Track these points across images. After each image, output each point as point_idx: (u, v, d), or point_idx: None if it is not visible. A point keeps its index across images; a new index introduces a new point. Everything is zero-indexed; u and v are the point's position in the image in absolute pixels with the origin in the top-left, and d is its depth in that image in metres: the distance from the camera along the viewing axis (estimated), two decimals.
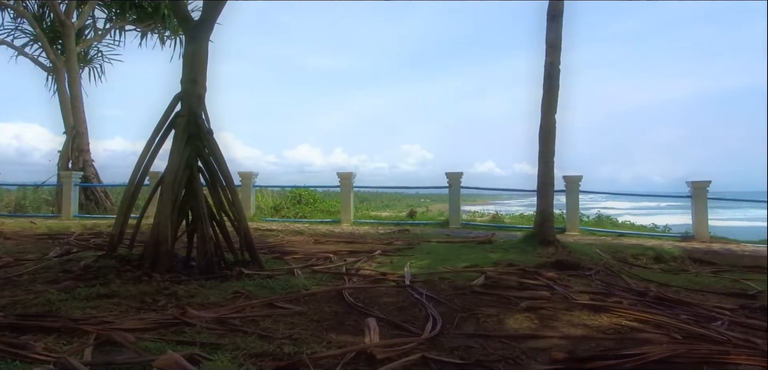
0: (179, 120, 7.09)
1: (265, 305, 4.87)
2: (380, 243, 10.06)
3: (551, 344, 3.88)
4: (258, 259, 6.89)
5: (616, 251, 9.89)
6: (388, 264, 7.60)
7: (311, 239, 10.64)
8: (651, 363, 3.32)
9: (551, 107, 9.87)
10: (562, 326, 4.40)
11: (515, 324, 4.41)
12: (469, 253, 8.75)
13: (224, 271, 6.37)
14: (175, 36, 19.51)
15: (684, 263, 9.64)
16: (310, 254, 8.26)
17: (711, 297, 6.40)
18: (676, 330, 4.23)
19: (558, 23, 9.96)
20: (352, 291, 5.52)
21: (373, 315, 4.55)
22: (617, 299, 5.40)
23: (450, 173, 14.56)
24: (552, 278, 6.25)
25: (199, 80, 7.30)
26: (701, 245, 11.44)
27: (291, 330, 4.07)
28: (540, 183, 9.89)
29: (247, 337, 3.82)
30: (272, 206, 17.22)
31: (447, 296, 5.38)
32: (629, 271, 8.31)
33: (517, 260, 7.69)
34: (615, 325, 4.43)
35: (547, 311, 4.78)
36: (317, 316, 4.58)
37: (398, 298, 5.35)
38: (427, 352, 3.54)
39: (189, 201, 6.94)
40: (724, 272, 8.84)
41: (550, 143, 9.84)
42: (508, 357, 3.54)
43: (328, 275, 6.63)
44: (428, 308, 4.81)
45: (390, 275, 6.63)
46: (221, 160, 7.13)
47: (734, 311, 5.44)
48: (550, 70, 9.92)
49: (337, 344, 3.77)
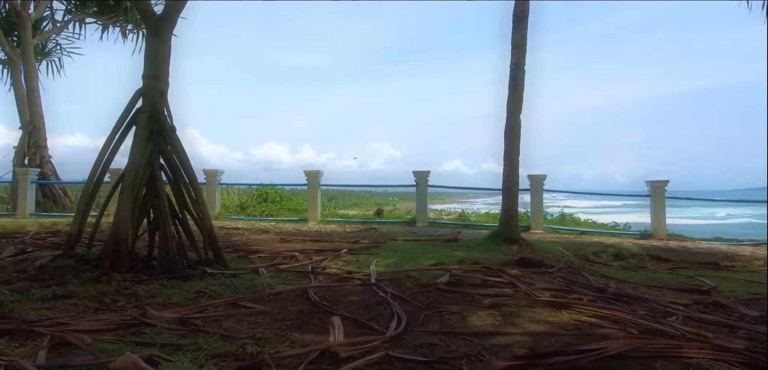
0: (141, 116, 6.94)
1: (228, 305, 4.80)
2: (347, 242, 10.05)
3: (513, 340, 3.94)
4: (222, 258, 6.80)
5: (578, 249, 10.11)
6: (355, 263, 7.59)
7: (277, 238, 10.54)
8: (608, 358, 3.41)
9: (516, 107, 10.02)
10: (525, 322, 4.47)
11: (479, 321, 4.47)
12: (435, 251, 8.82)
13: (187, 270, 6.25)
14: (138, 30, 19.04)
15: (642, 260, 9.93)
16: (276, 253, 8.19)
17: (667, 293, 6.61)
18: (633, 325, 4.35)
19: (523, 25, 10.12)
20: (318, 290, 5.49)
21: (338, 314, 4.54)
22: (578, 296, 5.53)
23: (417, 172, 14.63)
24: (515, 275, 6.35)
25: (162, 75, 7.15)
26: (659, 243, 11.80)
27: (254, 330, 4.03)
28: (505, 182, 10.04)
29: (209, 337, 3.76)
30: (238, 204, 17.01)
31: (412, 294, 5.41)
32: (590, 268, 8.51)
33: (482, 258, 7.79)
34: (575, 321, 4.53)
35: (510, 308, 4.86)
36: (281, 315, 4.55)
37: (364, 296, 5.36)
38: (391, 350, 3.55)
39: (150, 199, 6.79)
40: (680, 269, 9.13)
41: (515, 143, 9.99)
42: (471, 354, 3.58)
43: (294, 274, 6.58)
44: (393, 306, 4.83)
45: (356, 273, 6.63)
46: (184, 157, 7.00)
47: (688, 307, 5.64)
48: (515, 71, 10.07)
49: (300, 343, 3.75)
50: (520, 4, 10.11)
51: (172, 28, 7.46)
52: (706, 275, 8.18)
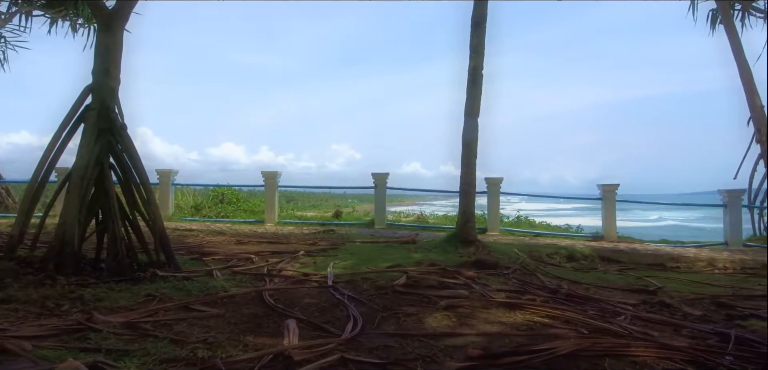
0: (90, 113, 6.70)
1: (179, 308, 4.68)
2: (304, 243, 9.96)
3: (468, 341, 3.98)
4: (174, 260, 6.62)
5: (532, 251, 10.32)
6: (312, 265, 7.53)
7: (233, 240, 10.36)
8: (559, 358, 3.48)
9: (474, 110, 10.15)
10: (479, 323, 4.52)
11: (434, 323, 4.49)
12: (392, 253, 8.84)
13: (137, 273, 6.06)
14: (89, 24, 18.33)
15: (594, 262, 10.22)
16: (231, 255, 8.04)
17: (616, 293, 6.82)
18: (584, 325, 4.46)
19: (481, 29, 10.26)
20: (273, 292, 5.42)
21: (293, 317, 4.49)
22: (531, 297, 5.63)
23: (376, 174, 14.63)
24: (471, 277, 6.42)
25: (113, 72, 6.92)
26: (609, 245, 12.16)
27: (206, 334, 3.94)
28: (462, 184, 10.15)
29: (159, 342, 3.65)
30: (193, 206, 16.60)
31: (369, 296, 5.40)
32: (544, 269, 8.71)
33: (438, 260, 7.85)
34: (528, 321, 4.61)
35: (465, 310, 4.90)
36: (235, 318, 4.46)
37: (320, 299, 5.31)
38: (346, 352, 3.53)
39: (99, 199, 6.56)
40: (629, 270, 9.45)
41: (472, 146, 10.11)
42: (426, 355, 3.60)
43: (249, 277, 6.48)
44: (350, 308, 4.81)
45: (313, 275, 6.58)
46: (135, 157, 6.79)
47: (636, 307, 5.83)
48: (473, 75, 10.20)
49: (254, 346, 3.69)
50: (479, 9, 10.25)
51: (124, 24, 7.24)
52: (653, 276, 8.49)
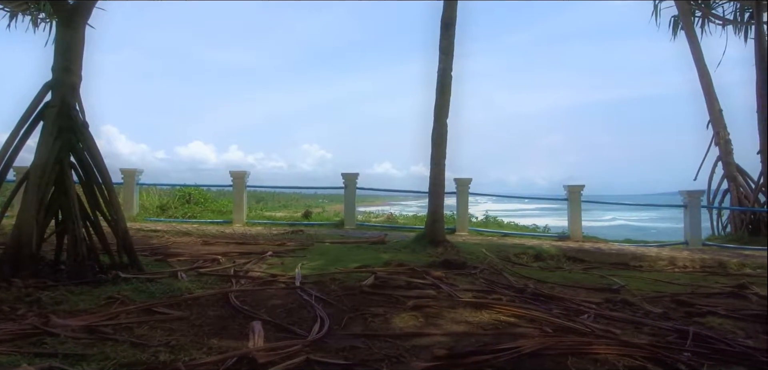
0: (50, 110, 6.49)
1: (142, 311, 4.57)
2: (273, 244, 9.86)
3: (434, 341, 3.99)
4: (137, 261, 6.47)
5: (500, 250, 10.44)
6: (280, 266, 7.46)
7: (200, 241, 10.19)
8: (524, 356, 3.52)
9: (443, 111, 10.22)
10: (446, 323, 4.55)
11: (401, 323, 4.50)
12: (361, 253, 8.82)
13: (98, 275, 5.90)
14: (51, 19, 17.80)
15: (560, 261, 10.39)
16: (197, 256, 7.90)
17: (581, 292, 6.94)
18: (548, 324, 4.53)
19: (451, 31, 10.34)
20: (239, 294, 5.34)
21: (259, 318, 4.44)
22: (498, 296, 5.69)
23: (346, 174, 14.59)
24: (439, 277, 6.45)
25: (74, 68, 6.72)
26: (575, 244, 12.39)
27: (169, 337, 3.86)
28: (431, 185, 10.21)
29: (119, 345, 3.56)
30: (158, 206, 16.26)
31: (337, 297, 5.37)
32: (511, 269, 8.81)
33: (407, 260, 7.86)
34: (494, 321, 4.65)
35: (432, 310, 4.92)
36: (199, 321, 4.38)
37: (287, 300, 5.26)
38: (312, 354, 3.50)
39: (59, 199, 6.36)
40: (593, 269, 9.64)
41: (441, 147, 10.18)
42: (392, 356, 3.60)
43: (215, 278, 6.38)
44: (317, 309, 4.78)
45: (280, 276, 6.52)
46: (97, 156, 6.61)
47: (599, 305, 5.95)
48: (442, 76, 10.27)
49: (218, 349, 3.63)
50: (448, 10, 10.33)
51: (86, 19, 7.03)
52: (616, 275, 8.67)
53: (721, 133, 17.07)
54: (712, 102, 17.24)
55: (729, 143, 17.01)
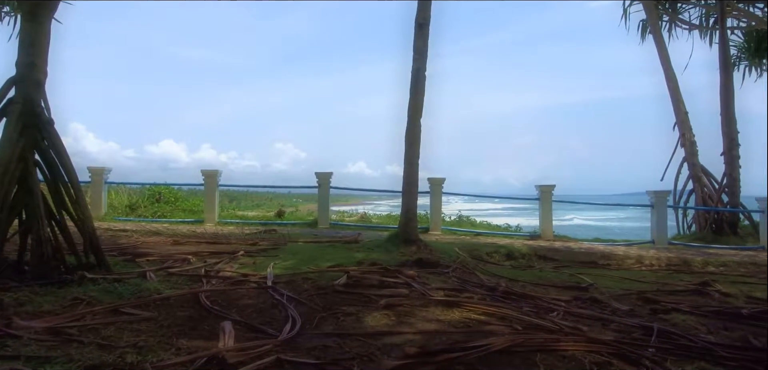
0: (13, 107, 6.31)
1: (109, 312, 4.49)
2: (245, 244, 9.77)
3: (406, 339, 4.02)
4: (105, 261, 6.34)
5: (473, 249, 10.54)
6: (251, 265, 7.40)
7: (170, 240, 10.03)
8: (493, 353, 3.57)
9: (417, 111, 10.26)
10: (418, 321, 4.57)
11: (373, 322, 4.51)
12: (334, 253, 8.80)
13: (64, 276, 5.75)
14: (15, 13, 17.28)
15: (531, 260, 10.54)
16: (167, 256, 7.78)
17: (551, 290, 7.06)
18: (518, 322, 4.60)
19: (425, 31, 10.39)
20: (210, 294, 5.28)
21: (230, 318, 4.40)
22: (469, 295, 5.75)
23: (319, 173, 14.53)
24: (412, 276, 6.48)
25: (39, 64, 6.54)
26: (546, 243, 12.57)
27: (137, 338, 3.79)
28: (405, 184, 10.24)
29: (84, 347, 3.48)
30: (128, 205, 15.95)
31: (309, 297, 5.36)
32: (484, 268, 8.90)
33: (380, 259, 7.88)
34: (465, 319, 4.70)
35: (404, 308, 4.94)
36: (168, 321, 4.32)
37: (259, 300, 5.23)
38: (282, 353, 3.49)
39: (23, 198, 6.18)
40: (564, 267, 9.80)
41: (415, 146, 10.22)
42: (364, 355, 3.61)
43: (185, 278, 6.29)
44: (289, 308, 4.76)
45: (252, 276, 6.46)
46: (63, 154, 6.45)
47: (569, 303, 6.05)
48: (416, 76, 10.31)
49: (187, 350, 3.58)
50: (422, 10, 10.38)
51: (52, 13, 6.86)
52: (585, 273, 8.84)
53: (686, 135, 17.52)
54: (678, 104, 17.68)
55: (694, 145, 17.47)
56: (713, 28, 18.41)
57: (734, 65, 19.24)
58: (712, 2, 18.58)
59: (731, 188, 16.02)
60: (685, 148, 17.58)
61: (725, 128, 16.19)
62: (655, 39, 18.25)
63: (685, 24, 19.59)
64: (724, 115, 16.23)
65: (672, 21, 19.43)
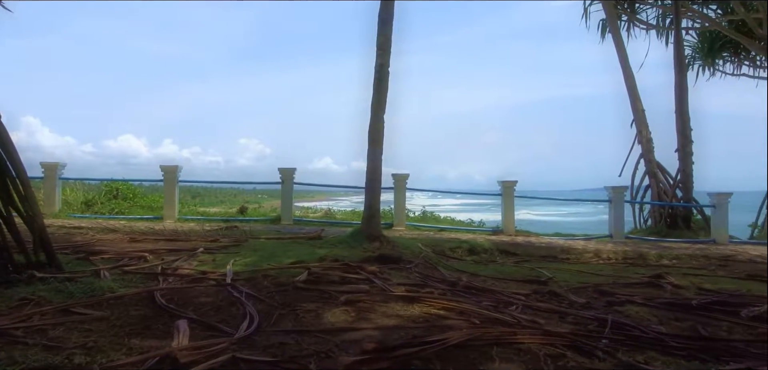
0: None
1: (58, 312, 4.33)
2: (205, 241, 9.59)
3: (364, 335, 4.00)
4: (56, 260, 6.12)
5: (436, 245, 10.61)
6: (211, 263, 7.26)
7: (126, 238, 9.75)
8: (451, 348, 3.59)
9: (380, 107, 10.25)
10: (377, 317, 4.56)
11: (333, 318, 4.48)
12: (297, 249, 8.72)
13: (11, 275, 5.52)
14: None
15: (493, 255, 10.67)
16: (123, 254, 7.57)
17: (511, 284, 7.15)
18: (477, 316, 4.64)
19: (388, 27, 10.38)
20: (166, 292, 5.16)
21: (186, 317, 4.30)
22: (430, 290, 5.77)
23: (282, 169, 14.39)
24: (373, 271, 6.48)
25: None
26: (508, 238, 12.76)
27: (86, 338, 3.67)
28: (368, 181, 10.23)
29: (29, 349, 3.35)
30: (83, 202, 15.47)
31: (268, 294, 5.29)
32: (446, 263, 8.98)
33: (342, 255, 7.85)
34: (425, 314, 4.71)
35: (364, 304, 4.93)
36: (121, 321, 4.20)
37: (217, 297, 5.13)
38: (238, 352, 3.43)
39: None
40: (525, 262, 9.97)
41: (378, 142, 10.22)
42: (321, 351, 3.58)
43: (141, 276, 6.12)
44: (247, 306, 4.68)
45: (211, 273, 6.34)
46: (10, 148, 6.19)
47: (528, 296, 6.15)
48: (379, 72, 10.30)
49: (139, 350, 3.49)
50: (385, 7, 10.36)
51: None
52: (545, 267, 9.01)
53: (643, 132, 18.01)
54: (635, 102, 18.16)
55: (650, 142, 17.97)
56: (669, 28, 18.98)
57: (688, 65, 19.92)
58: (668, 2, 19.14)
59: (685, 183, 16.55)
60: (642, 145, 18.07)
61: (679, 126, 16.71)
62: (613, 38, 18.69)
63: (642, 24, 20.14)
64: (678, 113, 16.74)
65: (630, 20, 19.95)
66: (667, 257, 11.06)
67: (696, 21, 20.23)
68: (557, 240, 13.10)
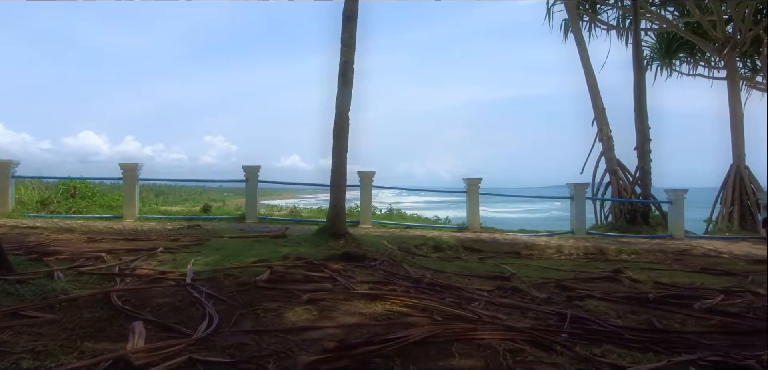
0: None
1: (6, 315, 4.15)
2: (166, 240, 9.38)
3: (326, 334, 3.97)
4: (6, 261, 5.88)
5: (402, 242, 10.63)
6: (171, 262, 7.10)
7: (84, 237, 9.47)
8: (412, 345, 3.59)
9: (345, 104, 10.20)
10: (340, 315, 4.54)
11: (295, 317, 4.43)
12: (260, 248, 8.62)
13: None
14: None
15: (458, 252, 10.75)
16: (79, 254, 7.34)
17: (475, 281, 7.22)
18: (439, 312, 4.66)
19: (353, 23, 10.34)
20: (123, 293, 5.02)
21: (142, 318, 4.19)
22: (393, 287, 5.78)
23: (247, 167, 14.19)
24: (337, 270, 6.44)
25: None
26: (473, 235, 12.88)
27: (35, 342, 3.53)
28: (333, 178, 10.17)
29: None
30: (39, 201, 14.94)
31: (229, 293, 5.20)
32: (411, 260, 9.00)
33: (307, 254, 7.79)
34: (387, 311, 4.71)
35: (327, 303, 4.90)
36: (73, 324, 4.06)
37: (176, 298, 5.02)
38: (195, 353, 3.36)
39: None
40: (489, 258, 10.06)
41: (343, 139, 10.16)
42: (281, 351, 3.53)
43: (97, 277, 5.95)
44: (207, 306, 4.59)
45: (170, 273, 6.20)
46: None
47: (491, 292, 6.21)
48: (344, 69, 10.25)
49: (91, 353, 3.38)
50: (350, 3, 10.32)
51: None
52: (509, 263, 9.12)
53: (604, 130, 18.45)
54: (596, 101, 18.59)
55: (611, 140, 18.42)
56: (629, 29, 19.48)
57: (647, 65, 20.49)
58: (628, 4, 19.62)
59: (643, 180, 17.02)
60: (603, 143, 18.50)
61: (638, 124, 17.17)
62: (575, 38, 19.09)
63: (603, 24, 20.63)
64: (637, 112, 17.20)
65: (592, 21, 20.41)
66: (626, 252, 11.34)
67: (654, 23, 20.83)
68: (521, 236, 13.30)
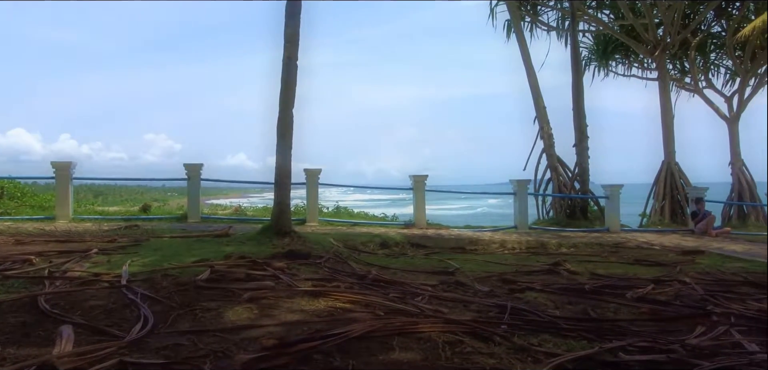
0: None
1: None
2: (101, 241, 9.01)
3: (266, 332, 3.91)
4: None
5: (348, 239, 10.61)
6: (105, 264, 6.81)
7: (11, 240, 8.97)
8: (353, 340, 3.59)
9: (288, 101, 10.07)
10: (281, 313, 4.48)
11: (234, 316, 4.35)
12: (202, 247, 8.40)
13: None
14: None
15: (404, 248, 10.83)
16: (5, 257, 6.93)
17: (420, 276, 7.28)
18: (381, 307, 4.67)
19: (296, 19, 10.22)
20: (51, 297, 4.77)
21: (72, 322, 4.00)
22: (337, 284, 5.75)
23: (189, 165, 13.79)
24: (281, 268, 6.36)
25: None
26: (419, 231, 13.01)
27: None
28: (277, 176, 10.02)
29: None
30: None
31: (167, 294, 5.03)
32: (357, 257, 8.99)
33: (250, 252, 7.65)
34: (330, 308, 4.69)
35: (269, 301, 4.82)
36: None
37: (109, 300, 4.81)
38: (128, 355, 3.24)
39: None
40: (434, 254, 10.19)
41: (287, 137, 10.03)
42: (219, 351, 3.45)
43: (24, 281, 5.63)
44: (142, 308, 4.43)
45: (104, 275, 5.95)
46: None
47: (435, 287, 6.28)
48: (287, 65, 10.12)
49: (14, 359, 3.20)
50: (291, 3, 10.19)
51: None
52: (454, 258, 9.25)
53: (545, 128, 18.99)
54: (537, 100, 19.11)
55: (551, 137, 18.98)
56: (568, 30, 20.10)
57: (585, 65, 21.25)
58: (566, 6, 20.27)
59: (582, 176, 17.63)
60: (544, 141, 19.05)
61: (576, 123, 17.75)
62: (517, 38, 19.56)
63: (544, 25, 21.22)
64: (575, 110, 17.78)
65: (533, 22, 20.96)
66: (566, 245, 11.74)
67: (591, 25, 21.61)
68: (466, 232, 13.53)
